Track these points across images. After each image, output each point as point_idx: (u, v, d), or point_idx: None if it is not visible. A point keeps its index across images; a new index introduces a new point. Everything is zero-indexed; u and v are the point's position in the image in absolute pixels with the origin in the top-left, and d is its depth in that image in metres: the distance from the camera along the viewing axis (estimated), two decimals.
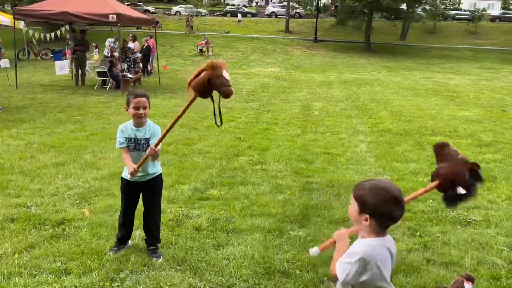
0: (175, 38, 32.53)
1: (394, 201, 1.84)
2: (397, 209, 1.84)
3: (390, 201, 1.83)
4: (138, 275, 3.07)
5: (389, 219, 1.85)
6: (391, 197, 1.84)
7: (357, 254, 1.80)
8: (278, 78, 18.49)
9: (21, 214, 3.99)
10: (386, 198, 1.83)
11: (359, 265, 1.78)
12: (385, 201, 1.82)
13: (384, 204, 1.82)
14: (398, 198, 1.85)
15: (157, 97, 12.22)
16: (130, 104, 3.22)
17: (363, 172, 5.95)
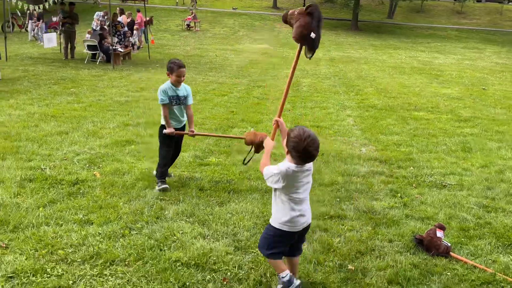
0: (161, 13, 32.14)
1: (305, 144, 2.41)
2: (310, 149, 2.43)
3: (300, 144, 2.42)
4: (153, 225, 3.45)
5: (304, 157, 2.48)
6: (300, 139, 2.42)
7: (278, 169, 2.52)
8: (267, 55, 18.70)
9: (37, 175, 4.30)
10: (299, 141, 2.42)
11: (276, 176, 2.52)
12: (298, 143, 2.42)
13: (297, 145, 2.43)
14: (312, 139, 2.42)
15: (148, 71, 12.39)
16: (174, 72, 4.14)
17: (349, 143, 6.38)
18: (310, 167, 2.59)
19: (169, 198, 4.01)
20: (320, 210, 3.97)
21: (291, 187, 2.55)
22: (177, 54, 16.93)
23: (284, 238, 2.62)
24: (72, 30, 13.90)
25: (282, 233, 2.60)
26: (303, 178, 2.57)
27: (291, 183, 2.53)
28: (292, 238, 2.66)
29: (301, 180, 2.56)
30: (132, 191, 4.12)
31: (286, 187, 2.53)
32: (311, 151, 2.44)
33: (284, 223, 2.59)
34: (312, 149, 2.43)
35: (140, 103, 8.26)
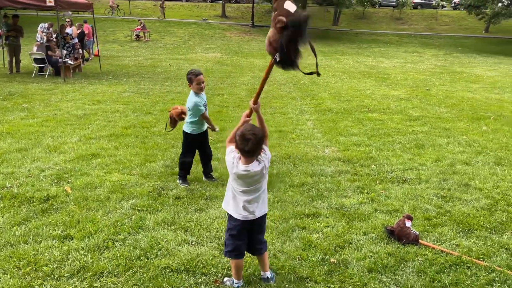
0: (106, 23, 31.39)
1: (241, 140, 2.62)
2: (244, 146, 2.62)
3: (238, 142, 2.64)
4: (136, 236, 3.45)
5: (241, 153, 2.68)
6: (239, 138, 2.63)
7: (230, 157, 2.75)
8: (221, 63, 18.84)
9: (4, 193, 4.14)
10: (237, 139, 2.64)
11: (229, 163, 2.76)
12: (238, 139, 2.64)
13: (237, 143, 2.66)
14: (245, 138, 2.60)
15: (102, 83, 12.10)
16: (193, 81, 4.58)
17: (313, 145, 6.64)
18: (256, 173, 2.71)
19: (146, 209, 4.02)
20: (295, 209, 4.15)
21: (237, 181, 2.77)
22: (129, 65, 16.65)
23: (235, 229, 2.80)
24: (16, 44, 13.26)
25: (232, 222, 2.81)
26: (248, 180, 2.73)
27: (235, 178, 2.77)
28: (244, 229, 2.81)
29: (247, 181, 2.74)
30: (107, 203, 4.08)
31: (232, 178, 2.79)
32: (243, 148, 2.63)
33: (235, 211, 2.80)
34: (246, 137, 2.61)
35: (99, 115, 8.08)
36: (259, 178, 2.76)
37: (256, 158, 2.72)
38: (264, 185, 2.84)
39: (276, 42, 2.59)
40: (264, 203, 2.88)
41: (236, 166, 2.71)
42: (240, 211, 2.77)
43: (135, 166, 5.30)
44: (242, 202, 2.75)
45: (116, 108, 8.88)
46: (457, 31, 39.58)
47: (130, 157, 5.66)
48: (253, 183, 2.74)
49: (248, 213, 2.77)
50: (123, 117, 8.10)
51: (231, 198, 2.83)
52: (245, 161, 2.69)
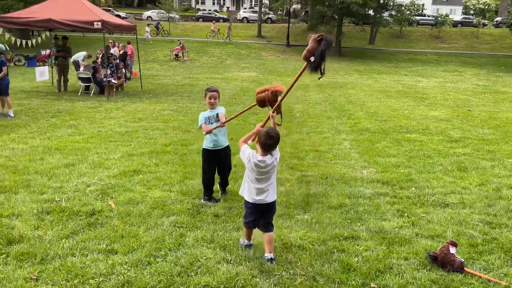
0: (148, 44, 32.63)
1: (266, 136, 3.33)
2: (267, 141, 3.33)
3: (263, 137, 3.34)
4: (176, 252, 3.53)
5: (263, 146, 3.38)
6: (264, 134, 3.34)
7: (245, 152, 3.50)
8: (256, 82, 19.10)
9: (53, 207, 4.35)
10: (265, 134, 3.33)
11: (246, 156, 3.46)
12: (263, 135, 3.35)
13: (261, 137, 3.36)
14: (269, 135, 3.33)
15: (143, 101, 12.55)
16: (206, 96, 4.81)
17: (350, 166, 6.58)
18: (268, 164, 3.43)
19: (186, 225, 4.10)
20: (334, 231, 4.11)
21: (252, 171, 3.47)
22: (168, 84, 17.19)
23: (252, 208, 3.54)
24: (65, 64, 14.05)
25: (248, 204, 3.57)
26: (261, 169, 3.44)
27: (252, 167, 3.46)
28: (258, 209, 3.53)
29: (261, 171, 3.44)
30: (149, 219, 4.20)
31: (248, 168, 3.48)
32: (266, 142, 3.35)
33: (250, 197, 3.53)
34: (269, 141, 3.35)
35: (140, 133, 8.37)
36: (270, 169, 3.47)
37: (270, 153, 3.43)
38: (273, 177, 3.54)
39: (314, 48, 3.39)
40: (274, 191, 3.58)
41: (253, 157, 3.43)
42: (253, 196, 3.52)
43: (174, 183, 5.44)
44: (254, 190, 3.49)
45: (156, 125, 9.17)
46: (499, 49, 38.33)
47: (170, 174, 5.81)
48: (265, 173, 3.46)
49: (259, 198, 3.49)
50: (163, 134, 8.34)
51: (246, 186, 3.57)
52: (262, 154, 3.43)
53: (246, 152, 3.48)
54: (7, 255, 3.38)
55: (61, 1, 13.22)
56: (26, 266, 3.23)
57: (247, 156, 3.46)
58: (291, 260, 3.53)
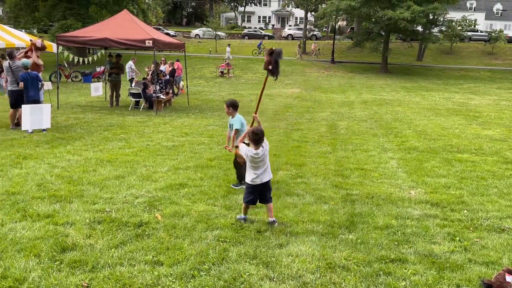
0: (195, 61, 33.65)
1: (253, 134, 4.44)
2: (254, 137, 4.43)
3: (251, 135, 4.46)
4: (219, 267, 3.56)
5: (253, 142, 4.46)
6: (251, 132, 4.48)
7: (243, 150, 4.60)
8: (300, 99, 19.11)
9: (104, 217, 4.55)
10: (251, 132, 4.47)
11: (244, 152, 4.54)
12: (251, 134, 4.46)
13: (250, 136, 4.47)
14: (255, 132, 4.45)
15: (189, 117, 12.90)
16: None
17: (397, 186, 6.38)
18: (260, 155, 4.48)
19: (229, 240, 4.13)
20: (379, 253, 3.98)
21: (250, 161, 4.53)
22: (214, 100, 17.58)
23: (251, 189, 4.59)
24: (117, 80, 14.77)
25: (248, 186, 4.60)
26: (256, 160, 4.49)
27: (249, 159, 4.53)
28: (256, 189, 4.57)
29: (256, 160, 4.50)
30: (193, 233, 4.27)
31: (248, 161, 4.56)
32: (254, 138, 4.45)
33: (250, 180, 4.57)
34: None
35: (186, 147, 8.59)
36: (263, 158, 4.53)
37: (261, 145, 4.47)
38: (267, 162, 4.60)
39: (268, 60, 5.11)
40: (268, 173, 4.63)
41: (249, 152, 4.47)
42: (253, 178, 4.55)
43: (219, 197, 5.51)
44: (253, 174, 4.53)
45: (201, 140, 9.38)
46: None
47: (214, 188, 5.90)
48: (259, 161, 4.52)
49: (258, 180, 4.54)
50: (208, 149, 8.51)
51: (249, 173, 4.57)
52: (255, 148, 4.48)
53: (243, 150, 4.59)
54: (61, 262, 3.56)
55: (116, 21, 14.02)
56: (78, 274, 3.38)
57: (245, 152, 4.54)
58: (335, 281, 3.46)
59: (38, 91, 9.61)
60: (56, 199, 5.16)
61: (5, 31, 16.04)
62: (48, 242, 3.89)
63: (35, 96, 9.47)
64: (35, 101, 9.43)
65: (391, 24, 30.59)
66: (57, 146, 8.17)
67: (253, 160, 4.47)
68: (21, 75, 9.31)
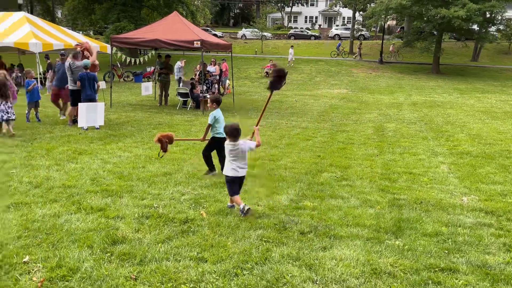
0: (241, 61, 33.96)
1: (232, 128, 4.88)
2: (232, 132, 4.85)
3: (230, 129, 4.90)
4: (262, 266, 3.58)
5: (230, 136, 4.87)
6: (230, 127, 4.90)
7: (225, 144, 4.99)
8: (346, 100, 18.78)
9: (151, 212, 4.71)
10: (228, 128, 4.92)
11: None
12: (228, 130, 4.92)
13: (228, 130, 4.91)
14: (234, 128, 4.88)
15: (234, 117, 13.04)
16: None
17: (448, 192, 6.10)
18: (238, 146, 4.86)
19: (272, 241, 4.14)
20: (428, 261, 3.83)
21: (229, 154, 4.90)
22: (258, 100, 17.68)
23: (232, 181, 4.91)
24: (167, 80, 15.22)
25: (229, 178, 4.91)
26: (233, 151, 4.86)
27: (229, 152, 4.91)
28: (236, 180, 4.93)
29: (232, 151, 4.86)
30: (237, 231, 4.32)
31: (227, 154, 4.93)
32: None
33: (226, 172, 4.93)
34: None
35: None
36: (242, 153, 4.90)
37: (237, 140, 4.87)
38: (245, 159, 4.98)
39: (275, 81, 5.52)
40: (245, 169, 4.99)
41: (227, 144, 4.87)
42: (234, 172, 4.86)
43: (262, 197, 5.53)
44: (235, 166, 4.87)
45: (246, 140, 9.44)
46: None
47: (257, 188, 5.93)
48: (237, 153, 4.87)
49: (237, 173, 4.87)
50: None
51: (228, 166, 4.89)
52: (232, 140, 4.85)
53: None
54: (111, 254, 3.72)
55: (166, 22, 14.45)
56: (127, 266, 3.52)
57: (226, 145, 4.97)
58: (380, 287, 3.36)
59: (95, 91, 10.10)
60: (108, 193, 5.41)
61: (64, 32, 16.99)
62: (100, 234, 4.08)
63: (92, 95, 9.96)
64: (91, 100, 9.92)
65: (445, 23, 29.27)
66: (109, 142, 8.55)
67: (232, 150, 4.86)
68: (80, 75, 9.84)
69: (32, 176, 5.99)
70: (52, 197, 5.16)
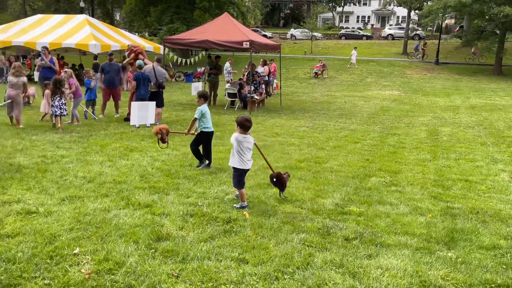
0: (290, 62, 33.81)
1: (245, 121, 4.95)
2: (245, 124, 4.93)
3: (242, 121, 4.94)
4: (304, 271, 3.49)
5: (242, 127, 4.94)
6: (243, 119, 4.94)
7: (233, 137, 5.01)
8: (398, 102, 18.11)
9: (196, 211, 4.77)
10: (241, 119, 4.96)
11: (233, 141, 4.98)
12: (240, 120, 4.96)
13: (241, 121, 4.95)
14: (247, 119, 4.97)
15: (281, 117, 13.00)
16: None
17: (509, 202, 5.68)
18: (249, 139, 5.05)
19: (315, 245, 4.04)
20: (484, 276, 3.56)
21: (240, 146, 4.98)
22: (306, 101, 17.49)
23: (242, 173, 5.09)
24: (216, 80, 15.46)
25: (240, 171, 5.05)
26: (244, 143, 4.99)
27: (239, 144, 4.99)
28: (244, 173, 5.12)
29: (244, 143, 5.00)
30: (279, 234, 4.26)
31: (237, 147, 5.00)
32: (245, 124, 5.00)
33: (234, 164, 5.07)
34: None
35: (276, 147, 8.64)
36: (249, 143, 5.03)
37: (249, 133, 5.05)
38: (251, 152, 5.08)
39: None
40: (251, 162, 5.13)
41: (239, 136, 4.96)
42: (244, 164, 5.02)
43: (306, 200, 5.44)
44: (245, 159, 5.01)
45: (291, 141, 9.37)
46: None
47: (302, 191, 5.84)
48: (249, 145, 5.01)
49: (247, 165, 5.05)
50: (297, 150, 8.47)
51: (238, 158, 5.00)
52: (243, 133, 4.99)
53: (233, 138, 5.04)
54: (155, 250, 3.80)
55: (217, 23, 14.67)
56: (170, 263, 3.57)
57: (235, 139, 5.01)
58: None
59: (148, 91, 10.46)
60: (155, 190, 5.55)
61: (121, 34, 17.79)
62: (145, 230, 4.18)
63: (145, 95, 10.33)
64: (144, 99, 10.28)
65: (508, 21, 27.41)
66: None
67: (244, 143, 4.96)
68: (135, 74, 10.24)
69: (86, 171, 6.29)
70: (103, 192, 5.37)
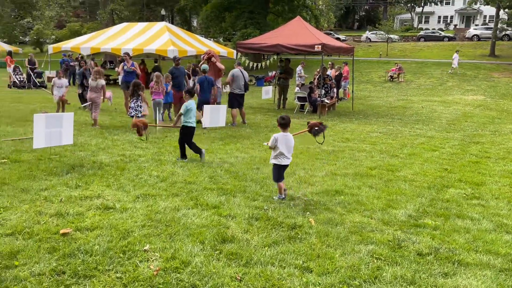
0: (363, 65, 32.80)
1: (282, 118, 5.40)
2: (281, 122, 5.39)
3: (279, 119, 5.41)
4: (371, 285, 3.32)
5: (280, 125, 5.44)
6: (280, 118, 5.41)
7: (274, 135, 5.35)
8: (483, 107, 16.75)
9: (261, 215, 4.76)
10: (278, 118, 5.45)
11: (273, 139, 5.34)
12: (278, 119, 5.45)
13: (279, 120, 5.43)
14: (282, 118, 5.42)
15: (352, 122, 12.63)
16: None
17: None
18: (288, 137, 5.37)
19: (385, 258, 3.82)
20: None
21: (280, 144, 5.31)
22: (380, 105, 16.83)
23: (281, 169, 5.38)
24: (286, 84, 15.46)
25: (278, 166, 5.35)
26: (285, 141, 5.31)
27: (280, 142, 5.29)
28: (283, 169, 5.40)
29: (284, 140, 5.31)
30: (346, 244, 4.10)
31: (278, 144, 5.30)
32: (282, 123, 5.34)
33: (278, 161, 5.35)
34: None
35: (346, 153, 8.39)
36: (291, 141, 5.38)
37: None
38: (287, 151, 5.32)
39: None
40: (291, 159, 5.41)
41: (279, 135, 5.31)
42: (283, 160, 5.32)
43: (376, 210, 5.19)
44: (285, 155, 5.32)
45: (363, 147, 9.04)
46: None
47: (372, 200, 5.59)
48: (289, 143, 5.35)
49: (287, 161, 5.35)
50: (368, 157, 8.15)
51: (277, 155, 5.33)
52: (284, 130, 5.36)
53: (273, 138, 5.39)
54: (220, 252, 3.84)
55: (289, 27, 14.67)
56: (233, 266, 3.59)
57: (274, 138, 5.34)
58: None
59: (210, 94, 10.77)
60: (223, 191, 5.64)
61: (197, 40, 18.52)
62: (212, 231, 4.26)
63: (209, 98, 10.70)
64: (207, 103, 10.59)
65: None
66: (228, 143, 8.99)
67: (284, 141, 5.27)
68: (199, 78, 10.63)
69: (160, 171, 6.59)
70: (174, 191, 5.58)
